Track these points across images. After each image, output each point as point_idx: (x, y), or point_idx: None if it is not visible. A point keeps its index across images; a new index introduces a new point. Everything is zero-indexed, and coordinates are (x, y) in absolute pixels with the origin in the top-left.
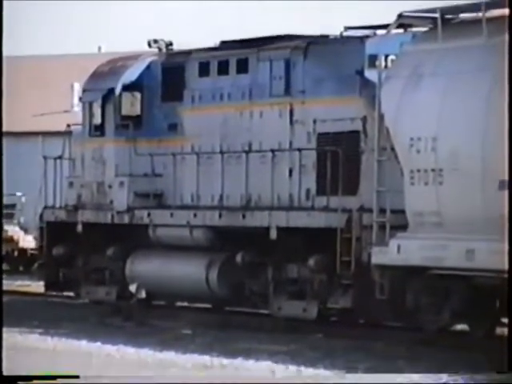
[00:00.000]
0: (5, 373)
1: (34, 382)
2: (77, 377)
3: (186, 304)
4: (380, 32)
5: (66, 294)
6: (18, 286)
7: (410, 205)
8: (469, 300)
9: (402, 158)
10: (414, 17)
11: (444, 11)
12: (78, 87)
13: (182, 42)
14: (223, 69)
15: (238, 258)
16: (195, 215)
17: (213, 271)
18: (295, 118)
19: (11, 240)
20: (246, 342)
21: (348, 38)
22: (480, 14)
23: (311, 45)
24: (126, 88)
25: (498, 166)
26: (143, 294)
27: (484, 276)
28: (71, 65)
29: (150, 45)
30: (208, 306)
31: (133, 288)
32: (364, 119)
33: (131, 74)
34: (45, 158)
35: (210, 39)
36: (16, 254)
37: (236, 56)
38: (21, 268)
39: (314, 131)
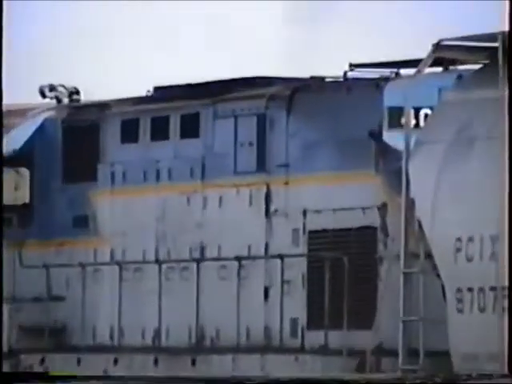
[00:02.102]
0: None
1: None
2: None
3: None
4: (405, 72)
5: None
6: None
7: (456, 344)
8: None
9: (443, 270)
10: (460, 47)
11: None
12: None
13: (94, 88)
14: (160, 131)
15: None
16: (116, 362)
17: None
18: (274, 207)
19: None
20: None
21: (356, 80)
22: None
23: (299, 92)
24: (7, 162)
25: None
26: None
27: None
28: None
29: (42, 93)
30: None
31: None
32: (383, 208)
33: (15, 140)
34: None
35: (140, 85)
36: None
37: (180, 110)
38: None
39: (304, 228)
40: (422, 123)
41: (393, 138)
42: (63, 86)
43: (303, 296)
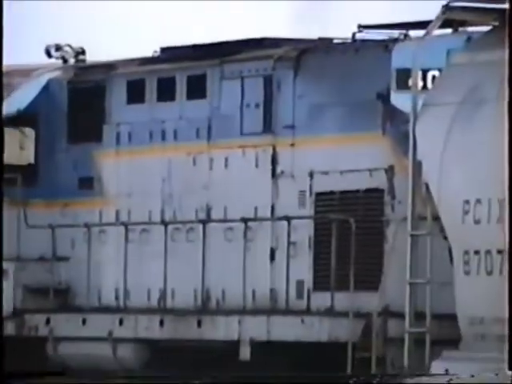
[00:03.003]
0: None
1: None
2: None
3: None
4: (414, 33)
5: None
6: None
7: (463, 306)
8: None
9: (450, 233)
10: (469, 9)
11: None
12: None
13: (102, 49)
14: (166, 91)
15: None
16: (121, 322)
17: None
18: (281, 169)
19: None
20: None
21: (364, 41)
22: None
23: (306, 53)
24: (12, 121)
25: None
26: None
27: None
28: None
29: (48, 53)
30: None
31: None
32: (390, 170)
33: (19, 100)
34: None
35: (145, 46)
36: None
37: (186, 71)
38: None
39: (311, 189)
40: (429, 85)
41: (400, 100)
42: (69, 46)
43: (309, 258)
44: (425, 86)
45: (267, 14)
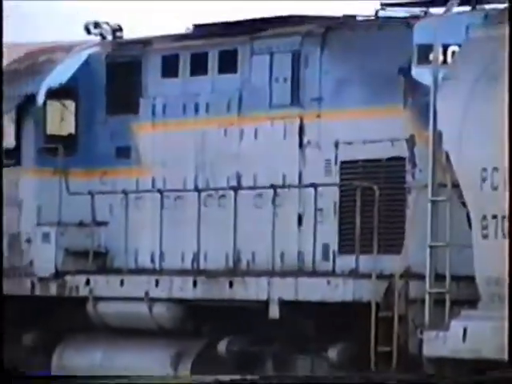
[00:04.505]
0: None
1: None
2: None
3: None
4: (434, 10)
5: None
6: None
7: (481, 268)
8: None
9: (469, 199)
10: None
11: None
12: None
13: (138, 26)
14: (199, 66)
15: (222, 346)
16: (157, 283)
17: (183, 367)
18: (307, 139)
19: None
20: None
21: (387, 19)
22: None
23: (332, 30)
24: (54, 94)
25: None
26: None
27: None
28: None
29: (88, 30)
30: None
31: None
32: (411, 140)
33: (60, 74)
34: None
35: (180, 23)
36: None
37: (218, 47)
38: None
39: (336, 158)
40: (449, 60)
41: (421, 74)
42: (107, 24)
43: (335, 223)
44: (445, 61)
45: None
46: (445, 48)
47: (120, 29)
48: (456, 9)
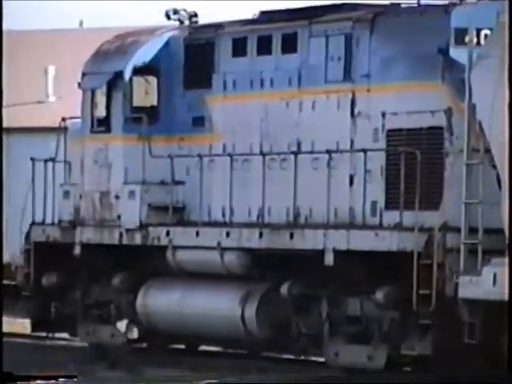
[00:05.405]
0: None
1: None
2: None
3: (213, 348)
4: None
5: (58, 335)
6: None
7: (509, 222)
8: None
9: (499, 162)
10: None
11: None
12: (53, 71)
13: (209, 13)
14: (264, 47)
15: (284, 289)
16: (228, 234)
17: (250, 306)
18: (358, 110)
19: None
20: None
21: (427, 6)
22: None
23: (379, 16)
24: (139, 71)
25: None
26: (135, 334)
27: None
28: (45, 43)
29: (168, 16)
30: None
31: (122, 326)
32: (449, 112)
33: (145, 54)
34: (32, 160)
35: (246, 10)
36: None
37: (281, 30)
38: None
39: (383, 127)
40: (482, 41)
41: (458, 54)
42: (185, 10)
43: (382, 183)
44: (478, 43)
45: None
46: (478, 31)
47: (195, 15)
48: None
